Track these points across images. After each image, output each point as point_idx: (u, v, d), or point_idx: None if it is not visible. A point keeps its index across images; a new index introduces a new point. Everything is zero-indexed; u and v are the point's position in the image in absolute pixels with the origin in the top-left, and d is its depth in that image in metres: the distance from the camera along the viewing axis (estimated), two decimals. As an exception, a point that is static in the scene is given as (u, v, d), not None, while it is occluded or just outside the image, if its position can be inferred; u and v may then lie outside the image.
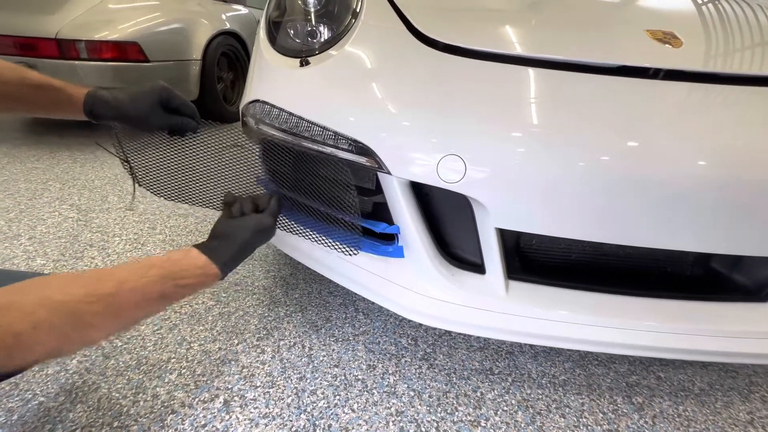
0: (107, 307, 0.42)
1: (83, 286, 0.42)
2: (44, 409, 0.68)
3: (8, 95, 0.52)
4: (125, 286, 0.45)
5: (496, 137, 0.60)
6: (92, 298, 0.41)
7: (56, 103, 0.56)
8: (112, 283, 0.44)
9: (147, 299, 0.47)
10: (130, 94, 0.59)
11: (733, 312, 0.70)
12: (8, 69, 0.51)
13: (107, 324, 0.43)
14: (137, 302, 0.46)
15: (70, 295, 0.40)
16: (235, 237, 0.59)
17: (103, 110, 0.57)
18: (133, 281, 0.46)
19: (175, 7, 2.26)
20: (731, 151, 0.58)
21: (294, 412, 0.70)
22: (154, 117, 0.60)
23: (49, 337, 0.37)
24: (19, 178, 1.58)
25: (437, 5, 0.88)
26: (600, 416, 0.75)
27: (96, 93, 0.57)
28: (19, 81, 0.52)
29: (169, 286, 0.49)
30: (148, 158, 0.74)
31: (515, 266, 0.72)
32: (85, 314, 0.40)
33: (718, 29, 0.80)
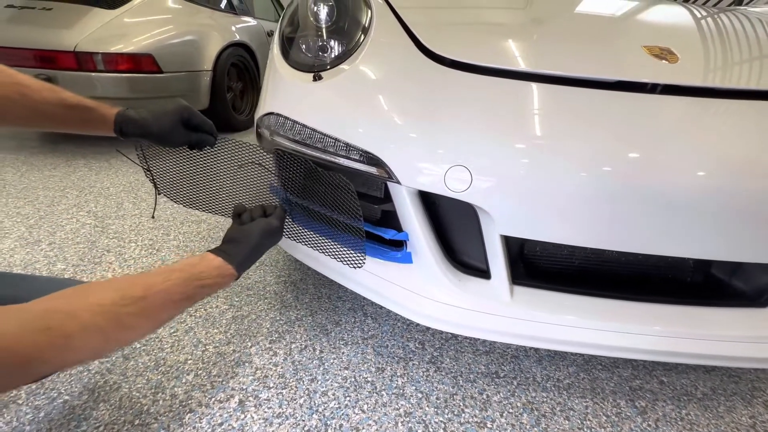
0: (140, 309, 0.46)
1: (117, 290, 0.46)
2: (69, 407, 0.71)
3: (48, 115, 0.56)
4: (153, 290, 0.49)
5: (500, 149, 0.63)
6: (127, 300, 0.45)
7: (89, 121, 0.60)
8: (141, 287, 0.48)
9: (172, 300, 0.51)
10: (155, 113, 0.64)
11: (734, 317, 0.72)
12: (48, 90, 0.56)
13: (140, 324, 0.47)
14: (164, 303, 0.50)
15: (107, 299, 0.44)
16: (246, 240, 0.64)
17: (131, 128, 0.63)
18: (159, 284, 0.50)
19: (188, 20, 2.33)
20: (728, 162, 0.60)
21: (306, 412, 0.73)
22: (175, 134, 0.66)
23: (94, 338, 0.41)
24: (38, 186, 1.63)
25: (443, 21, 0.92)
26: (603, 419, 0.76)
27: (125, 113, 0.62)
28: (58, 101, 0.56)
29: (191, 287, 0.53)
30: (169, 170, 0.80)
31: (520, 272, 0.75)
32: (122, 316, 0.44)
33: (714, 44, 0.83)
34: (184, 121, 0.67)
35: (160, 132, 0.64)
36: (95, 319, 0.41)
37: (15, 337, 0.35)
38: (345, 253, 0.75)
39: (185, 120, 0.67)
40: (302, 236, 0.80)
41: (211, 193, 0.83)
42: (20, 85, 0.53)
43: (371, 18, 0.85)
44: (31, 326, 0.37)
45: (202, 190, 0.83)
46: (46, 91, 0.56)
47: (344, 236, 0.75)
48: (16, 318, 0.36)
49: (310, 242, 0.80)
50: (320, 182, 0.75)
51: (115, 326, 0.43)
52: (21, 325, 0.36)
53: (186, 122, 0.67)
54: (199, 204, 0.85)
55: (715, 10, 1.08)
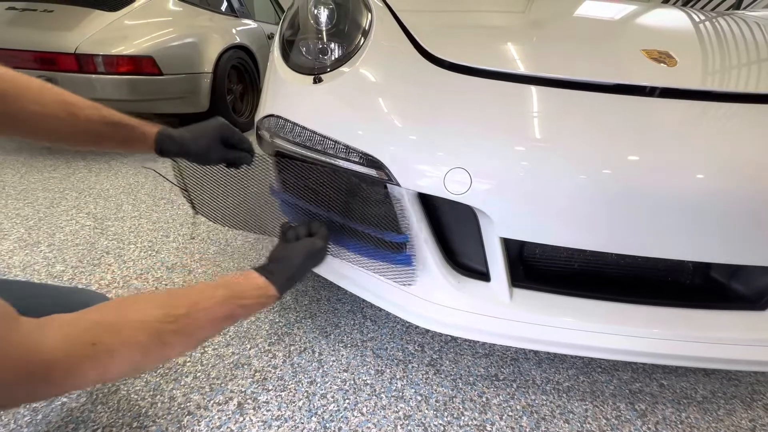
0: (182, 327, 0.46)
1: (161, 306, 0.45)
2: (67, 409, 0.71)
3: (92, 133, 0.56)
4: (196, 307, 0.48)
5: (499, 151, 0.63)
6: (170, 318, 0.44)
7: (130, 139, 0.60)
8: (185, 305, 0.47)
9: (215, 319, 0.50)
10: (194, 132, 0.64)
11: (733, 320, 0.72)
12: (91, 108, 0.55)
13: (181, 342, 0.46)
14: (206, 322, 0.49)
15: (150, 315, 0.43)
16: (290, 260, 0.62)
17: (170, 147, 0.62)
18: (202, 303, 0.49)
19: (188, 22, 2.34)
20: (726, 165, 0.61)
21: (305, 415, 0.72)
22: (214, 152, 0.66)
23: (134, 355, 0.40)
24: (37, 188, 1.63)
25: (442, 24, 0.93)
26: (603, 422, 0.76)
27: (165, 131, 0.62)
28: (101, 119, 0.56)
29: (233, 306, 0.52)
30: (206, 188, 0.79)
31: (519, 274, 0.75)
32: (164, 333, 0.43)
33: (712, 48, 0.83)
34: (223, 139, 0.66)
35: (199, 151, 0.64)
36: (138, 336, 0.40)
37: (62, 351, 0.35)
38: (392, 270, 0.74)
39: (224, 138, 0.66)
40: (346, 256, 0.80)
41: (250, 211, 0.82)
42: (68, 103, 0.53)
43: (371, 21, 0.85)
44: (78, 340, 0.37)
45: (240, 209, 0.82)
46: (90, 109, 0.55)
47: (389, 253, 0.74)
48: (63, 331, 0.36)
49: (355, 261, 0.78)
50: (359, 197, 0.74)
51: (156, 344, 0.42)
52: (68, 338, 0.36)
53: (224, 140, 0.66)
54: (237, 223, 0.83)
55: (714, 14, 1.09)
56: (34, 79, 0.51)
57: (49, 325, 0.36)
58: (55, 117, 0.52)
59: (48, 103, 0.51)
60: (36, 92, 0.51)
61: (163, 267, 1.15)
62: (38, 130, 0.52)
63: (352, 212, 0.74)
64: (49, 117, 0.52)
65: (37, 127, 0.52)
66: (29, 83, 0.50)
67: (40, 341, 0.34)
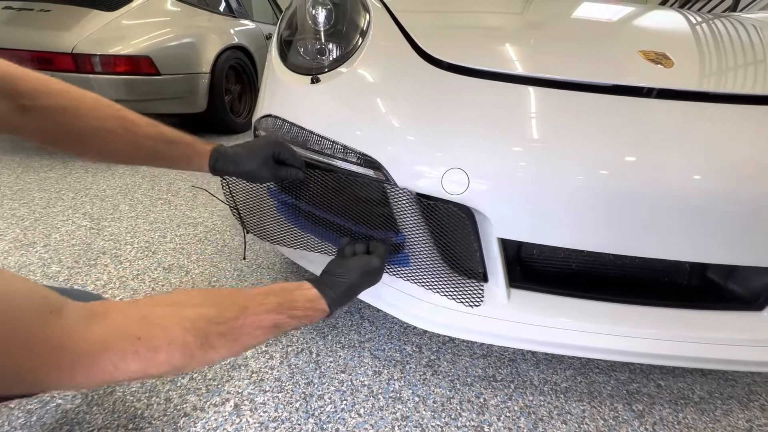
0: (230, 331, 0.44)
1: (213, 306, 0.44)
2: (62, 411, 0.70)
3: (149, 150, 0.55)
4: (247, 312, 0.46)
5: (496, 152, 0.63)
6: (220, 320, 0.43)
7: (186, 157, 0.59)
8: (236, 308, 0.46)
9: (262, 326, 0.48)
10: (249, 150, 0.63)
11: (730, 320, 0.72)
12: (150, 125, 0.55)
13: (226, 347, 0.44)
14: (254, 329, 0.47)
15: (201, 316, 0.41)
16: (346, 275, 0.60)
17: (224, 165, 0.62)
18: (253, 308, 0.47)
19: (186, 22, 2.34)
20: (723, 166, 0.61)
21: (302, 416, 0.72)
22: (266, 170, 0.65)
23: (179, 355, 0.38)
24: (33, 188, 1.62)
25: (440, 25, 0.93)
26: (601, 423, 0.76)
27: (220, 149, 0.62)
28: (159, 136, 0.55)
29: (283, 316, 0.50)
30: (256, 206, 0.78)
31: (517, 275, 0.75)
32: (211, 336, 0.42)
33: (709, 49, 0.84)
34: (275, 157, 0.66)
35: (252, 169, 0.63)
36: (185, 336, 0.39)
37: (102, 344, 0.34)
38: (459, 289, 0.71)
39: (276, 155, 0.66)
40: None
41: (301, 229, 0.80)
42: (125, 119, 0.52)
43: (369, 21, 0.85)
44: (123, 333, 0.35)
45: (291, 227, 0.80)
46: (148, 126, 0.55)
47: (458, 276, 0.71)
48: (110, 322, 0.35)
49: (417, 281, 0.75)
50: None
51: (201, 345, 0.40)
52: (112, 330, 0.35)
53: (276, 157, 0.66)
54: (289, 241, 0.81)
55: (710, 16, 1.10)
56: (87, 92, 0.50)
57: (96, 314, 0.35)
58: (111, 133, 0.51)
59: (105, 118, 0.51)
60: (91, 106, 0.50)
61: (160, 268, 1.14)
62: (94, 146, 0.52)
63: (349, 212, 0.74)
64: (107, 133, 0.51)
65: (94, 143, 0.51)
66: (84, 96, 0.50)
67: (81, 334, 0.33)
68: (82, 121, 0.49)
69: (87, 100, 0.50)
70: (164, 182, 1.77)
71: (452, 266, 0.72)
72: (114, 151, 0.53)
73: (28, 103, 0.45)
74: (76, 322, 0.33)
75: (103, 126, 0.50)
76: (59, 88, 0.48)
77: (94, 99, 0.50)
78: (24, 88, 0.45)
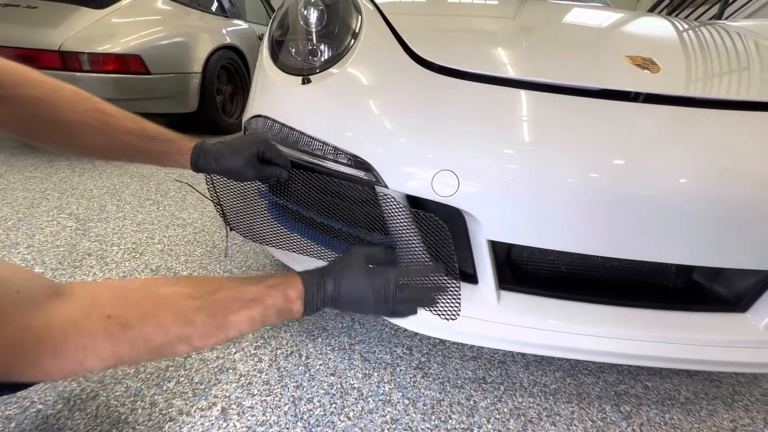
0: (206, 303, 0.42)
1: (187, 285, 0.43)
2: (42, 416, 0.68)
3: (129, 146, 0.53)
4: (224, 285, 0.45)
5: (486, 154, 0.63)
6: (196, 294, 0.42)
7: (167, 153, 0.58)
8: (213, 283, 0.45)
9: (242, 300, 0.45)
10: (232, 148, 0.62)
11: (715, 322, 0.73)
12: (130, 120, 0.53)
13: (205, 324, 0.42)
14: (233, 301, 0.44)
15: (176, 292, 0.40)
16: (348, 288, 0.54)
17: (206, 162, 0.60)
18: (231, 283, 0.46)
19: (177, 21, 2.31)
20: (708, 170, 0.62)
21: (291, 420, 0.71)
22: (250, 168, 0.63)
23: (151, 329, 0.36)
24: (17, 187, 1.58)
25: (432, 28, 0.93)
26: (589, 424, 0.77)
27: (203, 146, 0.60)
28: (139, 132, 0.54)
29: (260, 287, 0.48)
30: (240, 204, 0.77)
31: (507, 277, 0.75)
32: (187, 309, 0.40)
33: (695, 56, 0.85)
34: (260, 155, 0.64)
35: (236, 167, 0.62)
36: (157, 311, 0.37)
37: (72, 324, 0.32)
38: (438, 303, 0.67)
39: (260, 153, 0.64)
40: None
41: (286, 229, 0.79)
42: (103, 113, 0.51)
43: (361, 23, 0.85)
44: (92, 311, 0.34)
45: (276, 226, 0.79)
46: (128, 120, 0.53)
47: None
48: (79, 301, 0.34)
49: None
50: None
51: (175, 320, 0.39)
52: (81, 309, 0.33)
53: (261, 156, 0.64)
54: (273, 241, 0.80)
55: (696, 23, 1.12)
56: (66, 84, 0.49)
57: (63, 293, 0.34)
58: (88, 126, 0.50)
59: (83, 111, 0.49)
60: (69, 99, 0.48)
61: (147, 269, 1.12)
62: (71, 139, 0.50)
63: (339, 214, 0.74)
64: (85, 126, 0.49)
65: (71, 137, 0.50)
66: (62, 88, 0.48)
67: (47, 314, 0.32)
68: (59, 114, 0.48)
69: (65, 93, 0.48)
70: (153, 183, 1.75)
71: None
72: (92, 145, 0.52)
73: (3, 93, 0.44)
74: (51, 309, 0.32)
75: (81, 119, 0.49)
76: (37, 78, 0.47)
77: (73, 91, 0.49)
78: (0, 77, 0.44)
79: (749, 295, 0.74)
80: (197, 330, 0.41)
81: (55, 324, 0.32)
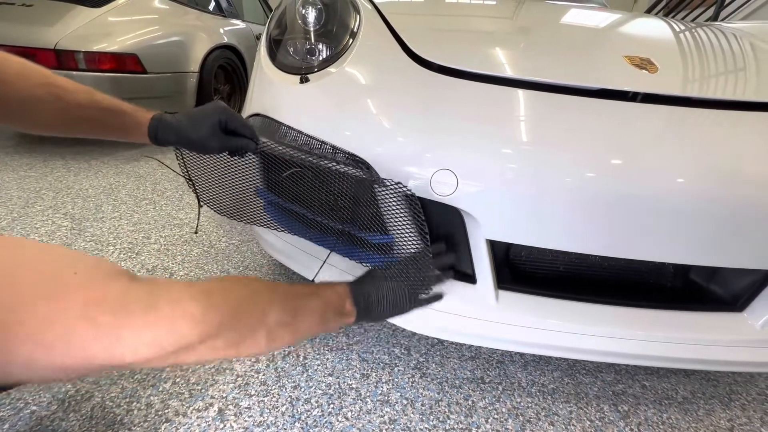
0: (280, 297, 0.45)
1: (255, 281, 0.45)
2: (36, 418, 0.68)
3: (82, 119, 0.52)
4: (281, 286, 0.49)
5: (485, 153, 0.63)
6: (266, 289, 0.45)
7: (124, 126, 0.56)
8: (270, 284, 0.47)
9: (303, 294, 0.49)
10: (192, 118, 0.59)
11: (712, 322, 0.74)
12: (83, 92, 0.51)
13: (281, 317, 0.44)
14: (297, 298, 0.48)
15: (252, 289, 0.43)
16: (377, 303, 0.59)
17: (166, 135, 0.58)
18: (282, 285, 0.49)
19: (174, 20, 2.30)
20: (705, 170, 0.62)
21: (288, 421, 0.71)
22: (214, 140, 0.60)
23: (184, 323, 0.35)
24: (12, 187, 1.57)
25: (431, 27, 0.93)
26: (587, 424, 0.77)
27: (161, 118, 0.58)
28: (93, 104, 0.52)
29: (311, 287, 0.52)
30: (211, 179, 0.75)
31: (505, 276, 0.75)
32: (265, 303, 0.43)
33: (692, 56, 0.86)
34: (222, 125, 0.60)
35: (198, 138, 0.59)
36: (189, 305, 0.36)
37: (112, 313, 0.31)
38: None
39: (223, 123, 0.60)
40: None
41: (258, 204, 0.78)
42: (54, 86, 0.49)
43: (359, 22, 0.85)
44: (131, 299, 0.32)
45: (248, 201, 0.78)
46: (81, 93, 0.51)
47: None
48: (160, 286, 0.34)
49: None
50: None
51: (257, 316, 0.41)
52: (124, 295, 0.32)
53: (224, 126, 0.61)
54: (244, 216, 0.79)
55: (693, 24, 1.13)
56: (13, 56, 0.46)
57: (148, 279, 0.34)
58: (40, 101, 0.48)
59: (32, 86, 0.47)
60: (16, 72, 0.46)
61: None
62: (22, 115, 0.48)
63: (337, 213, 0.73)
64: (35, 101, 0.47)
65: (21, 112, 0.48)
66: (7, 61, 0.46)
67: (130, 288, 0.32)
68: (5, 88, 0.45)
69: (12, 66, 0.46)
70: (150, 182, 1.74)
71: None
72: (44, 121, 0.50)
73: None
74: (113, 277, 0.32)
75: (31, 93, 0.47)
76: None
77: (20, 64, 0.47)
78: None
79: (746, 295, 0.74)
80: (276, 321, 0.43)
81: (133, 294, 0.31)
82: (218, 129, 0.60)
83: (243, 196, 0.78)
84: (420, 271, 0.61)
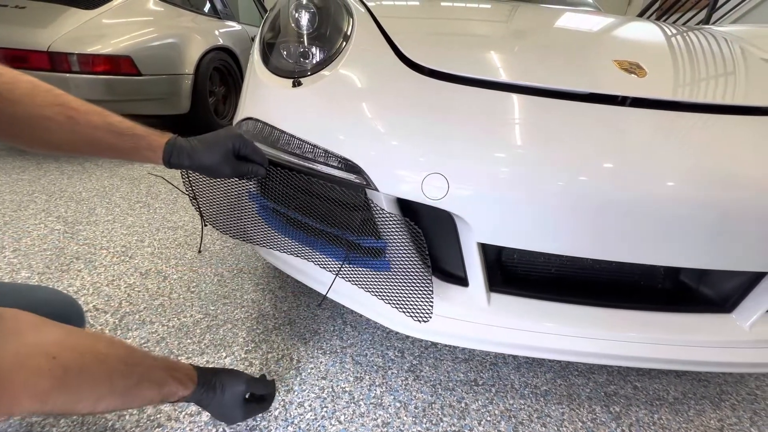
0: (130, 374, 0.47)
1: (122, 348, 0.48)
2: (27, 423, 0.67)
3: (95, 141, 0.52)
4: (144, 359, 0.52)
5: (476, 157, 0.63)
6: (130, 360, 0.48)
7: (137, 150, 0.56)
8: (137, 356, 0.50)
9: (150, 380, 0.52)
10: (205, 143, 0.60)
11: (701, 323, 0.74)
12: (96, 114, 0.51)
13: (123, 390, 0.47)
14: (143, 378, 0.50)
15: (111, 353, 0.45)
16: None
17: (180, 159, 0.58)
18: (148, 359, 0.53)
19: (169, 22, 2.29)
20: (693, 173, 0.63)
21: (282, 425, 0.71)
22: (226, 166, 0.61)
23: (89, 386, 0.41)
24: (4, 190, 1.56)
25: (423, 31, 0.94)
26: (579, 425, 0.77)
27: (175, 142, 0.58)
28: (106, 127, 0.52)
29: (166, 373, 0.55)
30: (216, 199, 0.76)
31: (497, 279, 0.76)
32: (116, 373, 0.45)
33: (682, 60, 0.87)
34: (235, 151, 0.62)
35: (212, 164, 0.60)
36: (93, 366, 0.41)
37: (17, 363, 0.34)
38: (409, 302, 0.69)
39: (236, 149, 0.62)
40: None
41: (262, 226, 0.78)
42: (66, 106, 0.49)
43: (352, 26, 0.86)
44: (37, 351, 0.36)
45: (252, 222, 0.78)
46: (94, 114, 0.51)
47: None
48: (24, 338, 0.36)
49: (367, 286, 0.74)
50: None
51: (104, 381, 0.43)
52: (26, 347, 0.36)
53: (236, 152, 0.62)
54: (248, 237, 0.80)
55: (684, 28, 1.14)
56: (24, 75, 0.46)
57: (7, 330, 0.35)
58: (51, 121, 0.47)
59: (44, 105, 0.47)
60: (27, 91, 0.46)
61: (137, 273, 1.11)
62: (32, 134, 0.48)
63: (330, 217, 0.74)
64: (46, 121, 0.47)
65: (31, 132, 0.47)
66: (18, 80, 0.45)
67: None
68: (16, 108, 0.45)
69: (22, 84, 0.46)
70: (144, 185, 1.73)
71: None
72: (54, 141, 0.50)
73: None
74: None
75: (42, 113, 0.47)
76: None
77: (31, 83, 0.47)
78: None
79: (734, 296, 0.75)
80: (114, 393, 0.45)
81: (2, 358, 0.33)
82: (231, 155, 0.61)
83: (246, 217, 0.78)
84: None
